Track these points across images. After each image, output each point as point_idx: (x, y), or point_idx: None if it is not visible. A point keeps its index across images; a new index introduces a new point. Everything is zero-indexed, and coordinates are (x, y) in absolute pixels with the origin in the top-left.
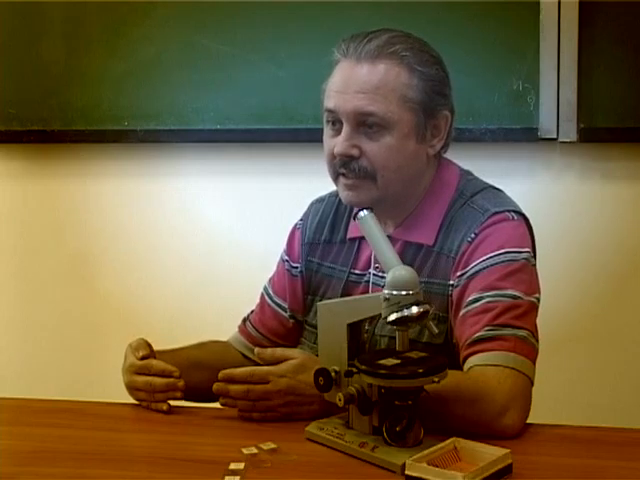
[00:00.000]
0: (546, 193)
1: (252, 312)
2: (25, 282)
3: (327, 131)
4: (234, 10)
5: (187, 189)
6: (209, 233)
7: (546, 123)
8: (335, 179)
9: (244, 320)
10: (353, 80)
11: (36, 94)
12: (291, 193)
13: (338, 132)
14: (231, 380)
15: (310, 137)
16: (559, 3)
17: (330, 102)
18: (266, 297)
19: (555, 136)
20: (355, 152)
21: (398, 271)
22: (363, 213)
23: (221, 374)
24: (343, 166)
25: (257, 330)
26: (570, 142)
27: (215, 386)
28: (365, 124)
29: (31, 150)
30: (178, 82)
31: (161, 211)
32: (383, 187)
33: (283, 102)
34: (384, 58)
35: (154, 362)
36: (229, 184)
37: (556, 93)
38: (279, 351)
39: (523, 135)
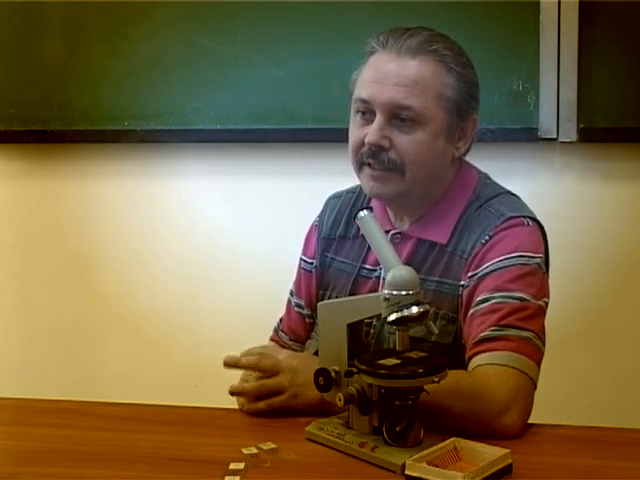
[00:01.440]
0: (546, 193)
1: (281, 320)
2: (25, 282)
3: (356, 121)
4: (234, 10)
5: (187, 189)
6: (209, 233)
7: (546, 123)
8: (359, 169)
9: (275, 330)
10: (392, 72)
11: (36, 94)
12: (291, 193)
13: (368, 122)
14: (236, 366)
15: (310, 137)
16: (559, 3)
17: (364, 92)
18: (291, 300)
19: (555, 136)
20: (386, 143)
21: (398, 271)
22: (363, 213)
23: (226, 358)
24: (371, 156)
25: (288, 337)
26: (570, 142)
27: (226, 358)
28: (398, 117)
29: (31, 150)
30: (178, 82)
31: (161, 211)
32: (410, 182)
33: (283, 102)
34: (425, 55)
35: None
36: (229, 184)
37: (556, 93)
38: None
39: (523, 135)
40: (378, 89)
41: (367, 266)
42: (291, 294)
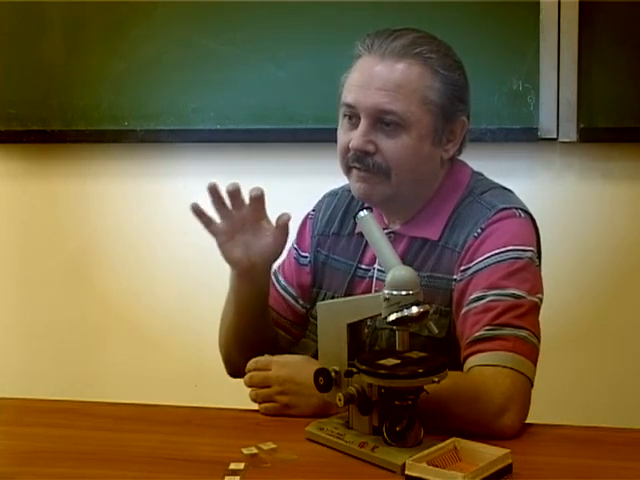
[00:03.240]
0: (546, 193)
1: None
2: (25, 282)
3: (343, 124)
4: (234, 10)
5: (187, 189)
6: (209, 233)
7: (546, 123)
8: (347, 172)
9: None
10: (376, 76)
11: (36, 94)
12: (291, 193)
13: (354, 126)
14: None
15: (310, 137)
16: (559, 3)
17: (349, 97)
18: (274, 281)
19: (555, 136)
20: (371, 148)
21: (398, 271)
22: (363, 213)
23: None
24: (357, 160)
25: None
26: (570, 142)
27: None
28: (383, 121)
29: (31, 150)
30: (178, 82)
31: (161, 211)
32: (396, 185)
33: (283, 102)
34: (409, 58)
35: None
36: None
37: (556, 93)
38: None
39: (523, 135)
40: (362, 93)
41: (363, 266)
42: (276, 277)
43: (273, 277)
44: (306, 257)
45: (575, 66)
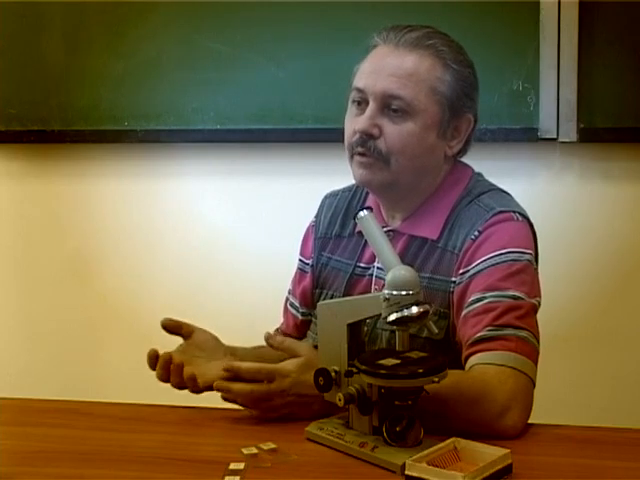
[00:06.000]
0: (546, 193)
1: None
2: (25, 282)
3: (352, 110)
4: (234, 10)
5: (187, 189)
6: (209, 233)
7: (546, 123)
8: (351, 158)
9: (276, 330)
10: (388, 63)
11: (36, 94)
12: (291, 193)
13: (362, 112)
14: (237, 375)
15: (310, 137)
16: (559, 3)
17: (360, 81)
18: (288, 298)
19: (555, 136)
20: (375, 131)
21: (398, 271)
22: (363, 213)
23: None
24: (361, 144)
25: (287, 336)
26: (570, 142)
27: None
28: (390, 107)
29: (31, 150)
30: (178, 82)
31: (161, 211)
32: (395, 172)
33: (283, 102)
34: (422, 49)
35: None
36: (229, 184)
37: (556, 93)
38: (287, 342)
39: (523, 135)
40: (373, 79)
41: (361, 264)
42: (289, 292)
43: (287, 294)
44: (308, 263)
45: (575, 66)
